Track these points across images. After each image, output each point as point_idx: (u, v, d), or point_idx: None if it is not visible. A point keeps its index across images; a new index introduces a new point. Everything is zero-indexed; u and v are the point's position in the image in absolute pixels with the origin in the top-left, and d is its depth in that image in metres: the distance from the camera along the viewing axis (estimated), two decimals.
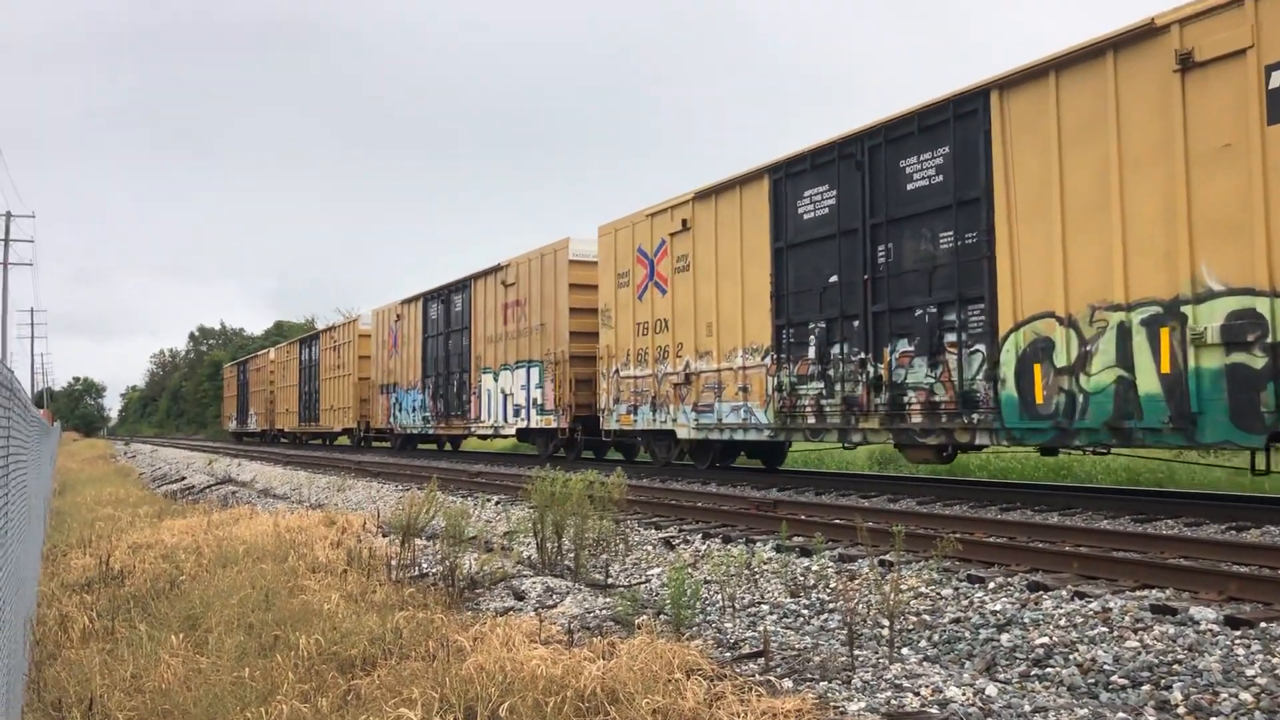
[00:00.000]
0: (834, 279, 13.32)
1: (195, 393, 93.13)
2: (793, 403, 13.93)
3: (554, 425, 20.83)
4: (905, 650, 5.82)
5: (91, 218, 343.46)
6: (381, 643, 5.83)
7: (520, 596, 7.43)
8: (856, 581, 7.34)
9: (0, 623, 3.99)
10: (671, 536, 9.91)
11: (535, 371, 21.63)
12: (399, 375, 30.28)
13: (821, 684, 4.90)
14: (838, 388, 13.14)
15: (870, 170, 12.74)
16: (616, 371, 18.48)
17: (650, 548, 9.62)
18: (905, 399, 12.14)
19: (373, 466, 22.22)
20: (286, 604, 6.93)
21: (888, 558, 7.61)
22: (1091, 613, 5.96)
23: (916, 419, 12.02)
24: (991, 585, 6.86)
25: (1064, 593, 6.44)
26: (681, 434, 16.66)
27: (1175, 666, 5.08)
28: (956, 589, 6.89)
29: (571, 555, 8.68)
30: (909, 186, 12.20)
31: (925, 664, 5.32)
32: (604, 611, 6.72)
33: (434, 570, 8.44)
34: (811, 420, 13.63)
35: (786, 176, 14.21)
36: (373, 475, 20.30)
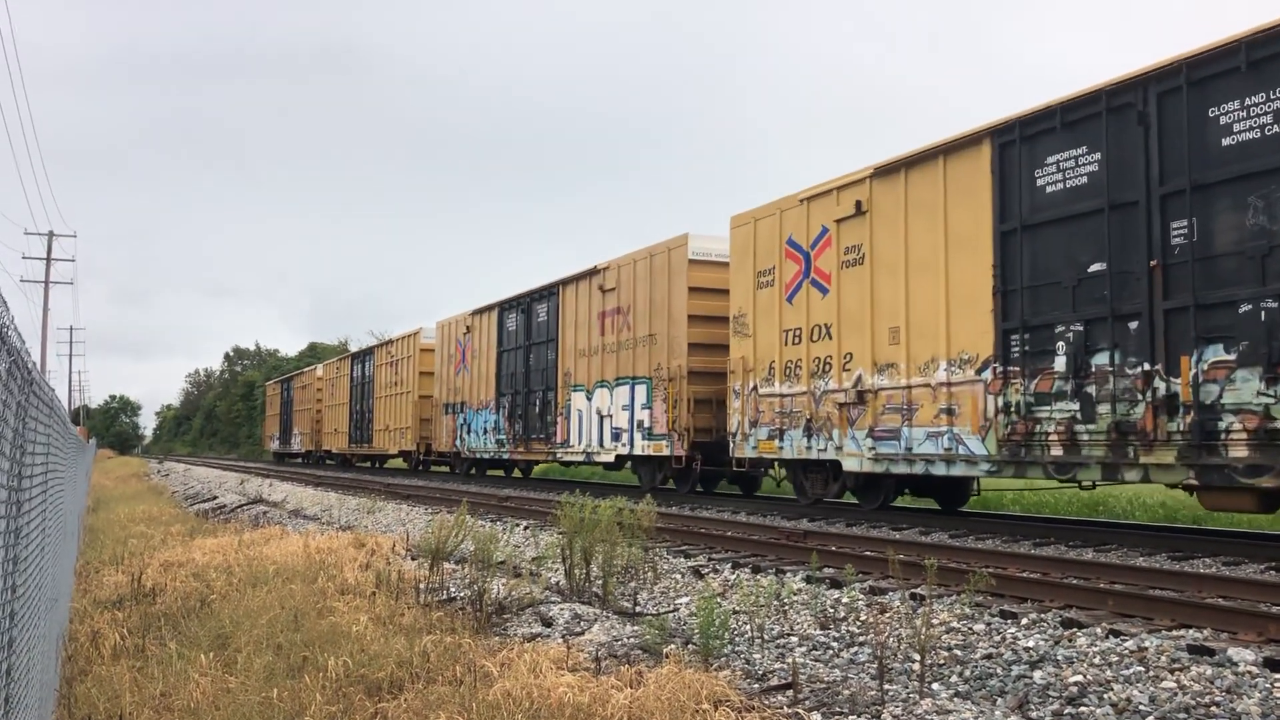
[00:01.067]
0: (1097, 267, 10.41)
1: (229, 412, 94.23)
2: (1028, 428, 10.98)
3: (665, 452, 18.14)
4: (936, 685, 5.75)
5: (131, 238, 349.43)
6: (409, 666, 5.85)
7: (548, 623, 7.42)
8: (887, 615, 7.26)
9: (34, 639, 4.03)
10: (701, 565, 9.86)
11: (641, 389, 18.97)
12: (468, 393, 27.24)
13: (850, 717, 4.85)
14: (1102, 410, 10.21)
15: (1160, 123, 9.91)
16: (754, 389, 15.51)
17: (679, 576, 9.58)
18: (1219, 425, 9.21)
19: (402, 489, 22.31)
20: (315, 625, 6.97)
21: (919, 591, 7.53)
22: (1127, 651, 5.87)
23: (1238, 453, 9.05)
24: (1025, 621, 6.77)
25: (1099, 630, 6.34)
26: (850, 465, 13.66)
27: (1213, 708, 4.99)
28: (989, 624, 6.80)
29: (599, 582, 8.66)
30: (1224, 141, 9.37)
31: (956, 700, 5.25)
32: (632, 640, 6.70)
33: (462, 594, 8.45)
34: (1058, 452, 10.67)
35: (1020, 139, 11.34)
36: (402, 498, 20.38)
